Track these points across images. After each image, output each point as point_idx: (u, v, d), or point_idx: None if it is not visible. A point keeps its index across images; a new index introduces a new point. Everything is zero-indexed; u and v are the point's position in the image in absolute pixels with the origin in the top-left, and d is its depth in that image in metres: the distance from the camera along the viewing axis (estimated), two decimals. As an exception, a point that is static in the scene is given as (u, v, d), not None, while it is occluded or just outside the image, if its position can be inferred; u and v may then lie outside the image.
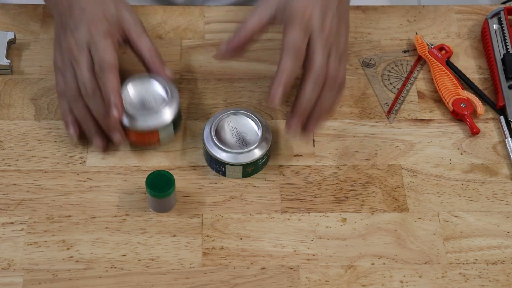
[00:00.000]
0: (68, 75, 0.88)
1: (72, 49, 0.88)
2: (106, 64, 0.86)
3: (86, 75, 0.87)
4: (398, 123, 0.97)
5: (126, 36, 0.90)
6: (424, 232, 0.88)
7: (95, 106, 0.87)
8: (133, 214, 0.88)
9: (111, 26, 0.88)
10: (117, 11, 0.89)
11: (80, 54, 0.87)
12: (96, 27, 0.87)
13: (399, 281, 0.84)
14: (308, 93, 0.85)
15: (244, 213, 0.88)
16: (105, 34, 0.87)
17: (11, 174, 0.90)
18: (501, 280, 0.84)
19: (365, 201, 0.90)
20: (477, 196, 0.91)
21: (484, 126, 0.97)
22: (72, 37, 0.88)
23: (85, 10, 0.88)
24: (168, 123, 0.89)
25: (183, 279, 0.84)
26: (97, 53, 0.86)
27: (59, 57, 0.90)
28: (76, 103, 0.89)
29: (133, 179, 0.90)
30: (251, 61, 1.01)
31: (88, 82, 0.87)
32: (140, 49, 0.90)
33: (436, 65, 1.00)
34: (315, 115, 0.87)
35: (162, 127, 0.89)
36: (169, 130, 0.90)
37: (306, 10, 0.85)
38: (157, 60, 0.90)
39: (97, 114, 0.88)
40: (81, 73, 0.87)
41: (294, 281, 0.84)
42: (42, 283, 0.83)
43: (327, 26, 0.86)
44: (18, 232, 0.86)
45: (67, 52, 0.88)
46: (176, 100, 0.90)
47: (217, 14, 1.05)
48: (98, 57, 0.86)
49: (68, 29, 0.89)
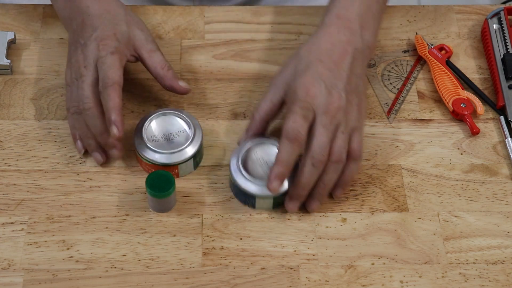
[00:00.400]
0: (74, 90, 0.89)
1: (80, 65, 0.88)
2: (109, 80, 0.86)
3: (86, 91, 0.87)
4: (398, 123, 0.97)
5: (138, 53, 0.91)
6: (424, 232, 0.88)
7: (92, 122, 0.87)
8: (133, 214, 0.88)
9: (120, 44, 0.89)
10: (128, 30, 0.90)
11: (86, 70, 0.87)
12: (105, 45, 0.88)
13: (399, 281, 0.84)
14: (305, 176, 0.84)
15: (244, 213, 0.88)
16: (113, 51, 0.87)
17: (11, 174, 0.90)
18: (501, 280, 0.84)
19: (365, 201, 0.90)
20: (477, 196, 0.91)
21: (484, 126, 0.97)
22: (82, 54, 0.88)
23: (97, 28, 0.89)
24: (188, 159, 0.89)
25: (183, 279, 0.84)
26: (102, 69, 0.87)
27: (69, 72, 0.90)
28: (79, 119, 0.89)
29: (133, 179, 0.90)
30: (251, 61, 1.01)
31: (86, 98, 0.87)
32: (152, 65, 0.91)
33: (436, 65, 1.00)
34: (316, 195, 0.87)
35: (182, 163, 0.89)
36: (188, 165, 0.90)
37: (310, 90, 0.84)
38: (170, 74, 0.91)
39: (94, 130, 0.88)
40: (82, 88, 0.87)
41: (294, 281, 0.84)
42: (42, 283, 0.83)
43: (333, 104, 0.84)
44: (18, 232, 0.86)
45: (75, 67, 0.89)
46: (199, 136, 0.89)
47: (217, 14, 1.05)
48: (103, 73, 0.86)
49: (78, 45, 0.89)
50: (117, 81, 0.86)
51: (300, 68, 0.86)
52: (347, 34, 0.88)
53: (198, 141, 0.89)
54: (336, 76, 0.86)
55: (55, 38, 1.02)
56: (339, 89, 0.85)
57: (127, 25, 0.90)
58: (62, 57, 1.00)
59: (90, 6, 0.90)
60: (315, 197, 0.87)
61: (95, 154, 0.90)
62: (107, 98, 0.85)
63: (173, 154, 0.88)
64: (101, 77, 0.86)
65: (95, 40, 0.88)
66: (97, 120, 0.87)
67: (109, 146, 0.89)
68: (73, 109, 0.89)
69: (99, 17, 0.90)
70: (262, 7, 1.07)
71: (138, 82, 0.90)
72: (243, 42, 1.03)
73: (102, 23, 0.89)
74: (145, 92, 0.97)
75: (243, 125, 0.95)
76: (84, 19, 0.90)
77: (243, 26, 1.05)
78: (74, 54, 0.90)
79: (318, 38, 0.88)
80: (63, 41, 1.02)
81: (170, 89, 0.91)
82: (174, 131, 0.89)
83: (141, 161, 0.89)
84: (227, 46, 1.02)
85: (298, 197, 0.86)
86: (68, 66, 0.91)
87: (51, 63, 1.00)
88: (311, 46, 0.88)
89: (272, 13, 1.06)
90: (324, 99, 0.84)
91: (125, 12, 0.92)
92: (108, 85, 0.86)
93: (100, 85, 0.86)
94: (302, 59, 0.87)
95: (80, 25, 0.90)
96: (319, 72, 0.85)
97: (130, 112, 0.95)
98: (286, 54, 1.02)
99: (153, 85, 0.93)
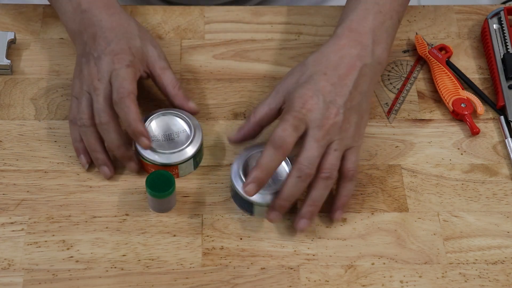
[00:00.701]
0: (84, 102, 0.88)
1: (93, 78, 0.87)
2: (124, 90, 0.85)
3: (102, 105, 0.86)
4: (398, 123, 0.97)
5: (150, 70, 0.90)
6: (424, 232, 0.88)
7: (109, 136, 0.87)
8: (133, 214, 0.88)
9: (135, 59, 0.88)
10: (142, 45, 0.90)
11: (100, 83, 0.87)
12: (120, 58, 0.87)
13: (399, 281, 0.84)
14: (288, 187, 0.82)
15: (244, 213, 0.88)
16: (128, 64, 0.87)
17: (11, 174, 0.90)
18: (501, 280, 0.84)
19: (365, 201, 0.90)
20: (477, 196, 0.91)
21: (484, 126, 0.97)
22: (95, 66, 0.88)
23: (111, 42, 0.88)
24: (188, 159, 0.89)
25: (183, 279, 0.84)
26: (116, 81, 0.86)
27: (78, 84, 0.89)
28: (87, 132, 0.88)
29: (133, 179, 0.90)
30: (251, 61, 1.01)
31: (103, 112, 0.86)
32: (163, 83, 0.91)
33: (436, 65, 1.00)
34: (305, 214, 0.84)
35: (182, 163, 0.89)
36: (188, 165, 0.90)
37: (307, 102, 0.83)
38: (180, 94, 0.91)
39: (111, 144, 0.87)
40: (98, 101, 0.86)
41: (294, 281, 0.84)
42: (42, 283, 0.83)
43: (329, 120, 0.83)
44: (18, 232, 0.86)
45: (87, 80, 0.88)
46: (199, 136, 0.89)
47: (217, 14, 1.05)
48: (117, 84, 0.86)
49: (91, 58, 0.88)
50: (132, 91, 0.86)
51: (303, 78, 0.85)
52: (358, 48, 0.86)
53: (198, 141, 0.89)
54: (338, 91, 0.84)
55: (55, 38, 1.02)
56: (338, 105, 0.84)
57: (141, 40, 0.90)
58: (62, 57, 1.00)
59: (102, 20, 0.90)
60: (304, 215, 0.84)
61: (104, 168, 0.89)
62: (126, 110, 0.85)
63: (173, 154, 0.88)
64: (115, 87, 0.86)
65: (109, 53, 0.87)
66: (114, 134, 0.87)
67: (126, 159, 0.88)
68: (81, 122, 0.88)
69: (113, 30, 0.89)
70: (262, 7, 1.07)
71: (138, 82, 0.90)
72: (243, 42, 1.03)
73: (116, 36, 0.89)
74: (145, 92, 0.97)
75: (243, 125, 0.95)
76: (96, 32, 0.89)
77: (243, 26, 1.05)
78: (86, 67, 0.89)
79: (327, 49, 0.87)
80: (63, 41, 1.02)
81: (179, 108, 0.91)
82: (174, 131, 0.90)
83: (141, 161, 0.89)
84: (227, 46, 1.02)
85: (280, 208, 0.84)
86: (77, 78, 0.90)
87: (51, 63, 1.00)
88: (319, 56, 0.87)
89: (272, 13, 1.06)
90: (320, 113, 0.83)
91: (138, 28, 0.92)
92: (124, 96, 0.85)
93: (114, 95, 0.86)
94: (308, 69, 0.86)
95: (92, 38, 0.89)
96: (320, 85, 0.84)
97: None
98: (286, 54, 1.02)
99: (153, 85, 0.93)
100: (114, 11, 0.91)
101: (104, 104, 0.86)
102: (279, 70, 1.00)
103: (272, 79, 0.99)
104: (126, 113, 0.85)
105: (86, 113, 0.87)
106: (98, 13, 0.90)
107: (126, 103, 0.85)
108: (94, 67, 0.88)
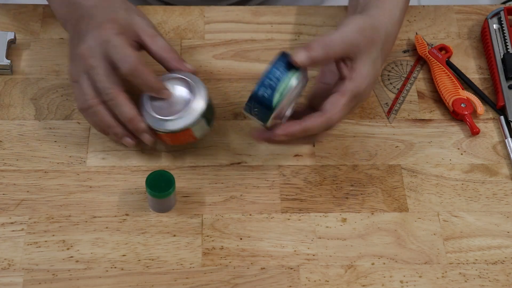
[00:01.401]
0: (84, 84, 0.86)
1: (86, 57, 0.85)
2: (131, 59, 0.83)
3: (104, 81, 0.84)
4: (398, 123, 0.97)
5: (140, 38, 0.88)
6: (424, 232, 0.88)
7: (119, 110, 0.85)
8: (133, 214, 0.88)
9: (123, 27, 0.86)
10: (127, 16, 0.88)
11: (94, 59, 0.84)
12: (106, 29, 0.85)
13: (399, 281, 0.84)
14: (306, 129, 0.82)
15: (244, 213, 0.88)
16: (116, 33, 0.85)
17: (11, 174, 0.90)
18: (501, 280, 0.84)
19: (365, 201, 0.90)
20: (477, 196, 0.91)
21: (484, 126, 0.97)
22: (84, 44, 0.85)
23: (94, 16, 0.87)
24: (198, 119, 0.86)
25: (183, 279, 0.84)
26: (115, 53, 0.84)
27: (73, 67, 0.87)
28: (97, 111, 0.86)
29: (133, 179, 0.90)
30: (251, 61, 1.01)
31: (107, 88, 0.84)
32: (156, 49, 0.88)
33: (436, 65, 1.00)
34: None
35: (193, 125, 0.86)
36: (202, 125, 0.87)
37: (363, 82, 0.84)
38: (175, 57, 0.88)
39: (123, 118, 0.86)
40: (99, 80, 0.84)
41: (294, 281, 0.84)
42: (42, 283, 0.83)
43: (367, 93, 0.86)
44: (18, 232, 0.86)
45: (81, 61, 0.86)
46: (202, 94, 0.87)
47: (217, 14, 1.06)
48: (118, 56, 0.84)
49: (79, 38, 0.86)
50: (138, 56, 0.84)
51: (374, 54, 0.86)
52: None
53: (202, 95, 0.87)
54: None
55: (55, 38, 1.02)
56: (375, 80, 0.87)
57: (126, 12, 0.88)
58: (62, 57, 1.00)
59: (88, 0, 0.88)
60: None
61: (127, 139, 0.88)
62: (143, 76, 0.84)
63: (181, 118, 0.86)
64: (118, 59, 0.84)
65: (95, 28, 0.85)
66: (124, 107, 0.85)
67: (140, 131, 0.87)
68: (88, 103, 0.86)
69: (96, 8, 0.87)
70: (262, 7, 1.07)
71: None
72: (243, 42, 1.03)
73: (99, 11, 0.87)
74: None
75: (243, 125, 0.95)
76: (82, 13, 0.88)
77: (243, 26, 1.05)
78: (76, 48, 0.86)
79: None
80: (63, 41, 1.02)
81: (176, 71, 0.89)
82: (176, 94, 0.87)
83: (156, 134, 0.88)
84: (227, 46, 1.02)
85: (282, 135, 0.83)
86: (72, 63, 0.88)
87: (51, 63, 1.00)
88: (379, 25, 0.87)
89: (272, 13, 1.06)
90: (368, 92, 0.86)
91: (123, 1, 0.90)
92: (135, 63, 0.83)
93: (122, 68, 0.83)
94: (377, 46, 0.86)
95: (78, 19, 0.88)
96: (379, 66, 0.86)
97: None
98: (286, 54, 1.02)
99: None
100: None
101: (106, 80, 0.84)
102: (279, 70, 1.00)
103: (272, 79, 0.99)
104: (145, 79, 0.84)
105: (89, 94, 0.85)
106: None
107: (140, 70, 0.84)
108: (83, 45, 0.85)
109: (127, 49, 0.84)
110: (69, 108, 0.96)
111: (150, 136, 0.88)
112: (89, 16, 0.87)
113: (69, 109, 0.96)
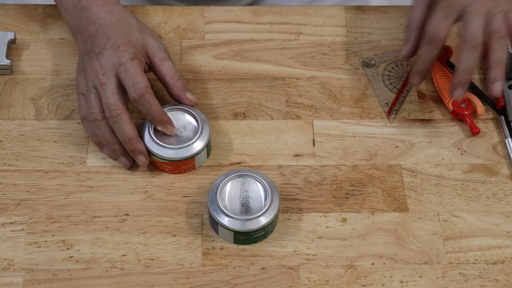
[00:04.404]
0: (92, 98, 0.88)
1: (97, 73, 0.88)
2: (141, 85, 0.87)
3: (111, 98, 0.87)
4: (398, 123, 0.97)
5: (150, 61, 0.91)
6: (424, 232, 0.88)
7: (120, 129, 0.87)
8: (133, 214, 0.88)
9: (136, 50, 0.89)
10: (141, 37, 0.91)
11: (105, 77, 0.88)
12: (122, 51, 0.88)
13: (399, 281, 0.84)
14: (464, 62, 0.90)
15: (244, 213, 0.88)
16: (132, 57, 0.88)
17: (11, 174, 0.90)
18: (501, 280, 0.84)
19: (365, 201, 0.90)
20: (477, 196, 0.91)
21: (484, 126, 0.97)
22: (98, 62, 0.89)
23: (110, 36, 0.89)
24: (202, 151, 0.89)
25: (183, 279, 0.84)
26: (128, 76, 0.87)
27: (83, 81, 0.90)
28: (100, 126, 0.88)
29: (133, 179, 0.91)
30: (251, 61, 1.01)
31: (113, 106, 0.87)
32: (162, 73, 0.91)
33: (436, 65, 1.00)
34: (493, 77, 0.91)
35: (197, 155, 0.89)
36: (203, 155, 0.90)
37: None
38: (179, 85, 0.91)
39: (122, 137, 0.88)
40: (106, 96, 0.87)
41: (294, 281, 0.84)
42: (42, 283, 0.83)
43: None
44: (18, 232, 0.86)
45: (91, 75, 0.89)
46: (207, 127, 0.90)
47: (217, 14, 1.06)
48: (131, 81, 0.87)
49: (93, 54, 0.89)
50: (148, 84, 0.87)
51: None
52: None
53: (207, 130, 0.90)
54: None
55: (55, 38, 1.02)
56: None
57: (140, 33, 0.91)
58: (62, 57, 1.00)
59: (101, 17, 0.91)
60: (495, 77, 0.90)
61: (122, 159, 0.90)
62: (148, 104, 0.87)
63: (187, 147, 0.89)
64: (130, 84, 0.87)
65: (111, 47, 0.88)
66: (126, 126, 0.87)
67: (137, 152, 0.89)
68: (93, 116, 0.88)
69: (112, 26, 0.90)
70: (262, 7, 1.07)
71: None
72: (243, 42, 1.03)
73: (115, 31, 0.90)
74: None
75: (243, 125, 0.95)
76: (96, 29, 0.90)
77: (243, 26, 1.05)
78: (88, 63, 0.89)
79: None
80: (63, 41, 1.02)
81: (177, 99, 0.92)
82: (180, 125, 0.90)
83: (154, 161, 0.90)
84: (227, 46, 1.02)
85: (462, 83, 0.91)
86: (81, 75, 0.90)
87: (51, 63, 1.00)
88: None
89: (272, 13, 1.06)
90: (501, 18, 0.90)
91: (137, 22, 0.93)
92: (143, 91, 0.87)
93: (132, 93, 0.87)
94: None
95: (93, 35, 0.90)
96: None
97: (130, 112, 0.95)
98: (286, 54, 1.02)
99: (154, 85, 0.93)
100: (113, 8, 0.92)
101: (113, 98, 0.87)
102: (279, 70, 1.00)
103: (272, 79, 1.00)
104: (148, 107, 0.87)
105: (96, 108, 0.88)
106: (97, 11, 0.91)
107: (146, 98, 0.87)
108: (97, 62, 0.89)
109: (138, 76, 0.87)
110: (69, 108, 0.96)
111: (145, 159, 0.89)
112: (105, 36, 0.90)
113: (69, 109, 0.96)
